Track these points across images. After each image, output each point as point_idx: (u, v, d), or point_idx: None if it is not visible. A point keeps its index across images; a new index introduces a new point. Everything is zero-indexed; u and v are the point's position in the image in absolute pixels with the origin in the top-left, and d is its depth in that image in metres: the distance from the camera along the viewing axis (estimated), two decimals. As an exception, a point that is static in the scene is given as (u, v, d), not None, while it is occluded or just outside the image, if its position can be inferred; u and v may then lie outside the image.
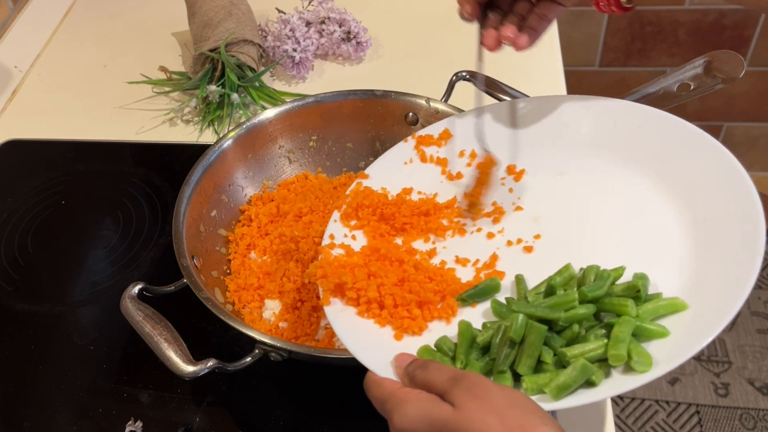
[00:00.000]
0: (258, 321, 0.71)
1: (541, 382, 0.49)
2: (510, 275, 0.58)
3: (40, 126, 1.02)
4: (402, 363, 0.50)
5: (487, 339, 0.52)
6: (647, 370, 0.47)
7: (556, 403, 0.47)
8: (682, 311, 0.50)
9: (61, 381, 0.72)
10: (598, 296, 0.52)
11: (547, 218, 0.62)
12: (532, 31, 0.63)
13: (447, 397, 0.43)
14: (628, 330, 0.49)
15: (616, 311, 0.51)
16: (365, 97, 0.83)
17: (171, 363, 0.60)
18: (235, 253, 0.77)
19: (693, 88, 0.67)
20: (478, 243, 0.62)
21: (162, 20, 1.18)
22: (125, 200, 0.89)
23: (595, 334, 0.50)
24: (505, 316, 0.54)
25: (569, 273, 0.55)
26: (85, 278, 0.82)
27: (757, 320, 1.72)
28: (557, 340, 0.51)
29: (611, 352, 0.48)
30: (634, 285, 0.52)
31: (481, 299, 0.57)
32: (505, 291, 0.58)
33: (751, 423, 1.55)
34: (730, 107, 1.72)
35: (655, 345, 0.49)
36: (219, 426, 0.67)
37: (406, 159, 0.71)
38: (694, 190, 0.57)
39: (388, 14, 1.14)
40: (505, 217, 0.63)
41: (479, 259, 0.61)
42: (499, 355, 0.50)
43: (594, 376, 0.47)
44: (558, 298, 0.53)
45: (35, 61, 1.14)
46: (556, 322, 0.51)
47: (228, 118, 0.97)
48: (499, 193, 0.66)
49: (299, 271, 0.73)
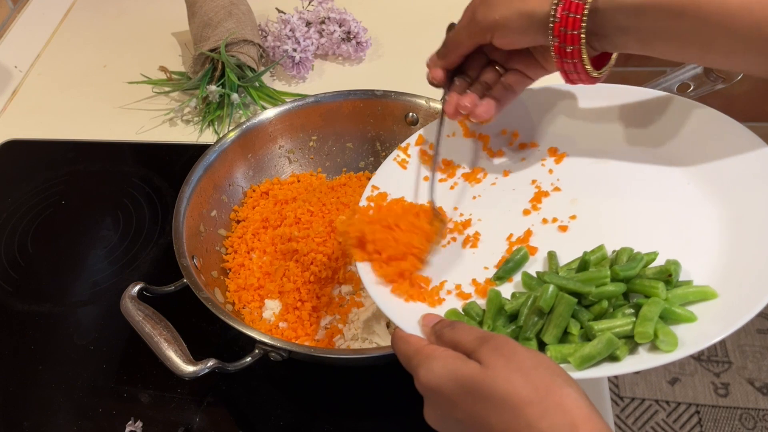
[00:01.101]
0: (258, 321, 0.71)
1: (565, 351, 0.49)
2: (542, 251, 0.59)
3: (40, 126, 1.02)
4: (429, 322, 0.51)
5: (515, 307, 0.53)
6: (672, 350, 0.47)
7: (579, 372, 0.48)
8: (712, 299, 0.51)
9: (61, 381, 0.72)
10: (629, 276, 0.52)
11: (584, 201, 0.62)
12: (495, 101, 0.63)
13: (474, 355, 0.44)
14: (657, 311, 0.49)
15: (646, 292, 0.51)
16: (365, 97, 0.83)
17: (171, 363, 0.60)
18: (234, 253, 0.77)
19: (693, 88, 0.67)
20: (514, 218, 0.63)
21: (162, 20, 1.18)
22: (125, 200, 0.90)
23: (623, 312, 0.51)
24: (535, 288, 0.54)
25: (602, 253, 0.56)
26: (85, 278, 0.82)
27: (757, 320, 1.72)
28: (585, 313, 0.52)
29: (638, 329, 0.48)
30: (666, 269, 0.52)
31: (516, 272, 0.58)
32: (537, 265, 0.58)
33: (751, 423, 1.55)
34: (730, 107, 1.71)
35: (682, 329, 0.49)
36: (219, 426, 0.68)
37: (449, 132, 0.71)
38: (734, 186, 0.58)
39: (388, 14, 1.14)
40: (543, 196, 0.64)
41: (513, 233, 0.62)
42: (527, 323, 0.51)
43: (618, 351, 0.48)
44: (590, 273, 0.53)
45: (35, 61, 1.14)
46: (586, 296, 0.52)
47: (228, 118, 0.97)
48: (540, 174, 0.66)
49: (299, 271, 0.73)
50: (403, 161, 0.70)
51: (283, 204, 0.80)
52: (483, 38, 0.60)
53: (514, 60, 0.62)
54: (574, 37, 0.55)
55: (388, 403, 0.69)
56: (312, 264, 0.73)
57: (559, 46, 0.56)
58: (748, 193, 0.56)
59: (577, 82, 0.59)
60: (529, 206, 0.64)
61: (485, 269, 0.60)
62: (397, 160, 0.70)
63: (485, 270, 0.59)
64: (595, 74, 0.58)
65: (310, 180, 0.84)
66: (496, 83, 0.64)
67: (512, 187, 0.66)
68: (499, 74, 0.63)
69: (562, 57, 0.56)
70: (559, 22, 0.54)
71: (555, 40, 0.55)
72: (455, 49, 0.63)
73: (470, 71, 0.64)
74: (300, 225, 0.77)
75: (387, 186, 0.68)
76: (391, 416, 0.68)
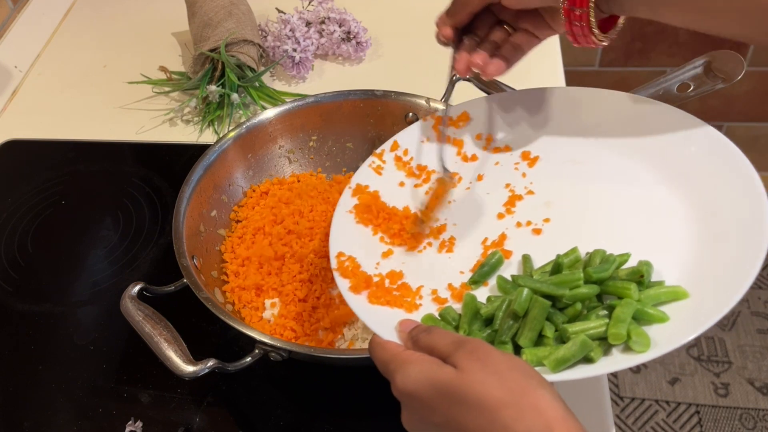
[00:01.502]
0: (258, 321, 0.71)
1: (540, 354, 0.50)
2: (517, 255, 0.60)
3: (40, 126, 1.02)
4: (406, 328, 0.51)
5: (490, 311, 0.53)
6: (645, 350, 0.48)
7: (554, 375, 0.48)
8: (683, 299, 0.51)
9: (61, 381, 0.72)
10: (602, 278, 0.53)
11: (557, 204, 0.63)
12: (504, 60, 0.63)
13: (449, 360, 0.44)
14: (629, 312, 0.50)
15: (619, 294, 0.52)
16: (365, 97, 0.83)
17: (171, 363, 0.60)
18: (234, 253, 0.77)
19: (693, 88, 0.67)
20: (488, 222, 0.64)
21: (162, 20, 1.18)
22: (125, 200, 0.90)
23: (597, 314, 0.52)
24: (510, 292, 0.55)
25: (576, 255, 0.56)
26: (85, 278, 0.82)
27: (757, 320, 1.72)
28: (559, 316, 0.52)
29: (611, 331, 0.49)
30: (638, 270, 0.53)
31: (491, 276, 0.58)
32: (512, 269, 0.59)
33: (751, 423, 1.55)
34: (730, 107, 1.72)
35: (655, 329, 0.50)
36: (219, 426, 0.68)
37: (423, 138, 0.72)
38: (704, 186, 0.58)
39: (388, 14, 1.14)
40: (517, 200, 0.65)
41: (488, 237, 0.62)
42: (502, 327, 0.52)
43: (593, 353, 0.49)
44: (563, 276, 0.54)
45: (35, 61, 1.14)
46: (560, 299, 0.52)
47: (228, 118, 0.97)
48: (513, 177, 0.67)
49: (299, 271, 0.73)
50: (378, 167, 0.70)
51: (283, 204, 0.80)
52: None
53: (522, 20, 0.62)
54: (583, 0, 0.55)
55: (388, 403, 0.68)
56: (312, 264, 0.73)
57: (568, 8, 0.56)
58: (715, 193, 0.57)
59: (584, 44, 0.60)
60: (503, 210, 0.64)
61: (461, 273, 0.60)
62: (372, 166, 0.70)
63: (461, 274, 0.60)
64: (601, 38, 0.58)
65: (310, 180, 0.84)
66: (505, 43, 0.64)
67: (486, 191, 0.67)
68: (507, 33, 0.64)
69: (571, 19, 0.57)
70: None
71: (564, 2, 0.56)
72: (464, 7, 0.63)
73: (479, 30, 0.64)
74: (300, 225, 0.76)
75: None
76: (391, 416, 0.68)
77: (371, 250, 0.64)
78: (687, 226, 0.57)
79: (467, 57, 0.63)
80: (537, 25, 0.62)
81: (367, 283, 0.59)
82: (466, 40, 0.64)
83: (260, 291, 0.73)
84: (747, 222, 0.53)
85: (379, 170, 0.70)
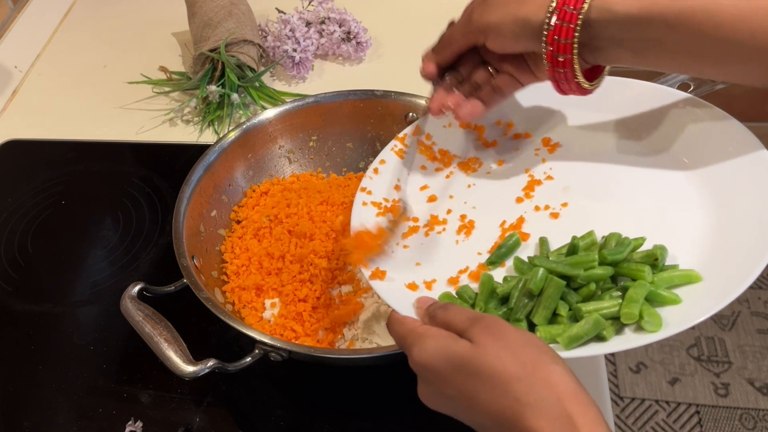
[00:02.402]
0: (258, 321, 0.71)
1: (554, 332, 0.51)
2: (534, 237, 0.60)
3: (40, 126, 1.02)
4: (423, 304, 0.52)
5: (507, 290, 0.55)
6: (657, 330, 0.49)
7: (567, 352, 0.50)
8: (696, 283, 0.52)
9: (61, 381, 0.72)
10: (617, 260, 0.54)
11: (576, 189, 0.64)
12: (482, 103, 0.64)
13: (465, 334, 0.45)
14: (643, 293, 0.51)
15: (633, 275, 0.53)
16: (365, 97, 0.83)
17: (171, 363, 0.60)
18: (234, 253, 0.77)
19: (693, 88, 0.68)
20: (507, 206, 0.65)
21: (162, 20, 1.18)
22: (125, 200, 0.90)
23: (611, 294, 0.53)
24: (526, 273, 0.56)
25: (592, 238, 0.57)
26: (85, 278, 0.82)
27: (757, 320, 1.72)
28: (573, 296, 0.53)
29: (624, 310, 0.50)
30: (652, 253, 0.54)
31: (508, 257, 0.60)
32: (529, 250, 0.60)
33: (751, 423, 1.55)
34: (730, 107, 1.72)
35: (667, 310, 0.50)
36: (219, 426, 0.68)
37: (445, 123, 0.72)
38: (723, 176, 0.59)
39: (388, 14, 1.14)
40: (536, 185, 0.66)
41: (506, 220, 0.63)
42: (517, 305, 0.53)
43: (605, 331, 0.50)
44: (579, 257, 0.55)
45: (35, 61, 1.14)
46: (575, 279, 0.53)
47: (228, 118, 0.97)
48: (533, 163, 0.68)
49: (299, 271, 0.73)
50: (400, 151, 0.71)
51: (283, 204, 0.80)
52: (477, 39, 0.61)
53: (506, 63, 0.62)
54: (567, 47, 0.55)
55: (388, 403, 0.69)
56: (312, 264, 0.73)
57: (552, 54, 0.56)
58: (731, 181, 0.58)
59: (568, 92, 0.60)
60: (522, 194, 0.65)
61: (479, 255, 0.61)
62: (395, 150, 0.71)
63: (479, 255, 0.61)
64: (586, 85, 0.59)
65: (310, 180, 0.84)
66: (486, 84, 0.64)
67: (506, 175, 0.68)
68: (490, 75, 0.64)
69: (554, 66, 0.57)
70: (552, 30, 0.55)
71: (548, 47, 0.56)
72: (449, 46, 0.63)
73: (462, 69, 0.65)
74: (300, 225, 0.76)
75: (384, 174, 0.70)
76: (391, 416, 0.68)
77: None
78: (702, 213, 0.58)
79: (443, 97, 0.64)
80: (520, 70, 0.62)
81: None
82: (447, 77, 0.65)
83: (260, 291, 0.73)
84: (762, 213, 0.54)
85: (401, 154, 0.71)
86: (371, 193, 0.68)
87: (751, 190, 0.56)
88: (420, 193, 0.69)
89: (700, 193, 0.59)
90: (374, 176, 0.70)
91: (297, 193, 0.81)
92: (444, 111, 0.64)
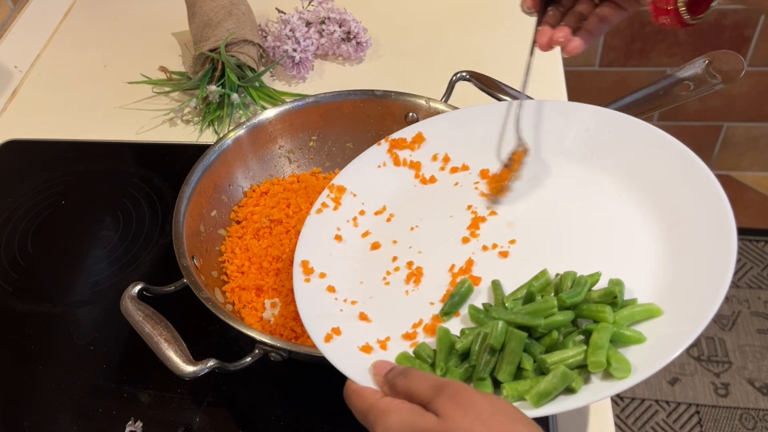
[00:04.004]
0: (258, 321, 0.71)
1: (521, 389, 0.48)
2: (486, 280, 0.58)
3: (40, 126, 1.02)
4: (381, 371, 0.49)
5: (466, 345, 0.51)
6: (626, 376, 0.47)
7: (537, 410, 0.47)
8: (658, 317, 0.50)
9: (61, 381, 0.72)
10: (576, 302, 0.52)
11: (522, 223, 0.62)
12: (588, 35, 0.62)
13: (430, 406, 0.43)
14: (607, 336, 0.49)
15: (594, 317, 0.51)
16: (365, 97, 0.83)
17: (171, 363, 0.60)
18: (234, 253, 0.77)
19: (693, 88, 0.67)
20: (453, 247, 0.62)
21: (162, 20, 1.18)
22: (125, 200, 0.90)
23: (573, 340, 0.51)
24: (483, 322, 0.53)
25: (546, 278, 0.55)
26: (85, 278, 0.82)
27: (757, 320, 1.72)
28: (536, 346, 0.51)
29: (591, 359, 0.48)
30: (611, 291, 0.52)
31: (462, 305, 0.57)
32: (482, 296, 0.57)
33: (751, 423, 1.55)
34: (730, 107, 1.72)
35: (632, 351, 0.49)
36: (219, 426, 0.68)
37: (379, 162, 0.71)
38: (666, 195, 0.57)
39: (388, 14, 1.14)
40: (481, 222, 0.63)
41: (454, 263, 0.60)
42: (479, 362, 0.50)
43: (574, 383, 0.47)
44: (537, 304, 0.52)
45: (35, 61, 1.14)
46: (536, 329, 0.51)
47: (228, 118, 0.97)
48: (474, 198, 0.65)
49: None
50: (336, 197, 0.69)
51: (283, 204, 0.80)
52: None
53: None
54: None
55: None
56: (312, 264, 0.73)
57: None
58: (680, 200, 0.56)
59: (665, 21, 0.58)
60: (467, 234, 0.63)
61: (431, 305, 0.58)
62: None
63: (431, 306, 0.58)
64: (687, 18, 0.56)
65: (310, 180, 0.84)
66: (590, 14, 0.62)
67: (449, 214, 0.65)
68: (593, 5, 0.62)
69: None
70: None
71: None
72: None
73: (564, 1, 0.63)
74: (300, 225, 0.76)
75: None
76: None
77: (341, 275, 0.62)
78: (654, 238, 0.56)
79: (550, 32, 0.62)
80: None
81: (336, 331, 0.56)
82: (550, 10, 0.63)
83: (260, 291, 0.73)
84: (712, 230, 0.52)
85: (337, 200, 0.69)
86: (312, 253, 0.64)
87: (697, 208, 0.54)
88: (362, 240, 0.66)
89: (647, 217, 0.57)
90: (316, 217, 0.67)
91: (297, 193, 0.81)
92: (553, 46, 0.62)
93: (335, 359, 0.53)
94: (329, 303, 0.60)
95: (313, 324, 0.56)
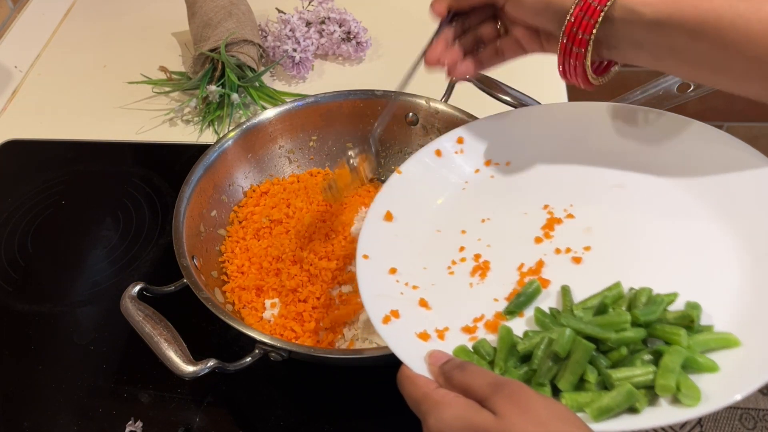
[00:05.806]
0: (258, 321, 0.71)
1: (581, 400, 0.47)
2: (555, 284, 0.56)
3: (40, 126, 1.02)
4: (437, 361, 0.48)
5: (528, 348, 0.50)
6: (695, 404, 0.45)
7: (596, 424, 0.45)
8: (734, 347, 0.48)
9: (61, 381, 0.72)
10: (650, 321, 0.50)
11: (599, 230, 0.59)
12: (478, 64, 0.62)
13: (487, 403, 0.42)
14: (679, 360, 0.47)
15: (667, 339, 0.49)
16: (365, 97, 0.83)
17: (171, 363, 0.60)
18: (234, 253, 0.77)
19: (693, 88, 0.67)
20: (524, 246, 0.60)
21: (162, 20, 1.18)
22: (125, 200, 0.89)
23: (641, 359, 0.49)
24: (549, 327, 0.52)
25: (619, 291, 0.53)
26: (85, 278, 0.82)
27: (757, 320, 1.72)
28: (602, 360, 0.49)
29: (660, 382, 0.46)
30: (688, 315, 0.50)
31: (527, 307, 0.55)
32: (549, 300, 0.55)
33: (751, 423, 1.55)
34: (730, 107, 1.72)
35: (704, 380, 0.46)
36: (219, 426, 0.68)
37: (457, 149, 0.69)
38: (757, 224, 0.55)
39: (388, 14, 1.14)
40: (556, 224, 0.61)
41: (524, 262, 0.58)
42: (541, 368, 0.49)
43: (638, 403, 0.46)
44: (609, 317, 0.50)
45: (35, 61, 1.14)
46: (605, 342, 0.49)
47: (228, 118, 0.97)
48: (550, 197, 0.63)
49: (299, 271, 0.73)
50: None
51: (283, 204, 0.80)
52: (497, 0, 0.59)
53: (519, 28, 0.60)
54: (582, 41, 0.54)
55: (387, 403, 0.69)
56: (312, 265, 0.73)
57: (566, 44, 0.55)
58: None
59: (572, 81, 0.59)
60: (541, 234, 0.60)
61: (495, 301, 0.56)
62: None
63: (495, 302, 0.56)
64: (593, 79, 0.57)
65: (310, 180, 0.84)
66: (490, 42, 0.62)
67: (524, 210, 0.63)
68: (497, 34, 0.62)
69: (566, 55, 0.56)
70: (572, 22, 0.54)
71: (564, 37, 0.55)
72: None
73: (472, 17, 0.63)
74: (300, 225, 0.76)
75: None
76: (391, 416, 0.68)
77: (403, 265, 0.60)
78: (738, 267, 0.53)
79: (440, 51, 0.61)
80: (530, 39, 0.60)
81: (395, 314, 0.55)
82: (454, 24, 0.63)
83: (260, 291, 0.73)
84: None
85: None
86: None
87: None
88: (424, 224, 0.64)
89: (734, 242, 0.55)
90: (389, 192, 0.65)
91: (297, 193, 0.81)
92: (437, 66, 0.61)
93: (391, 342, 0.51)
94: (390, 284, 0.58)
95: (373, 303, 0.55)
